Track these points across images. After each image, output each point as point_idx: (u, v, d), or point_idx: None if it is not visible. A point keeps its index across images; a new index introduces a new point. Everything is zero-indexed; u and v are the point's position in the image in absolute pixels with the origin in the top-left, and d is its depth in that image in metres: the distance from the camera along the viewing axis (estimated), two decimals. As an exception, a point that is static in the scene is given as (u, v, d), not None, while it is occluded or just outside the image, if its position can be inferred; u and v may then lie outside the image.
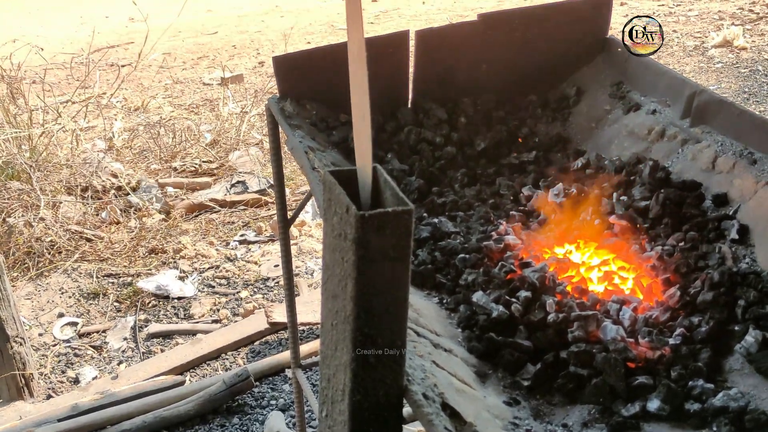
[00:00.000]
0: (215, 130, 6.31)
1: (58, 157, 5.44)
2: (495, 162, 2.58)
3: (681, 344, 1.74)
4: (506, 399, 1.65)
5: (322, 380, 1.49)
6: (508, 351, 1.74)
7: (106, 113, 6.60)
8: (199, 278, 4.50)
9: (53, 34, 9.44)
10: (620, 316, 1.86)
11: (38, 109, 5.81)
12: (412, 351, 1.50)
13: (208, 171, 5.81)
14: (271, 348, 3.89)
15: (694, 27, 8.87)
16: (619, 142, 2.52)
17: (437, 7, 10.41)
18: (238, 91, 7.36)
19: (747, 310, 1.78)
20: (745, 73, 7.28)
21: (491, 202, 2.39)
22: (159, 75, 8.11)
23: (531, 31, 2.73)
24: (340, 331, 1.33)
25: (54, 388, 3.70)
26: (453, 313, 1.90)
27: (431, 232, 2.17)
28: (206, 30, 9.86)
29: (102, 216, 5.04)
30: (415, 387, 1.36)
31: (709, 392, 1.61)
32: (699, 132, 2.32)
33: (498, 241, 2.12)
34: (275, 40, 9.04)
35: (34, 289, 4.39)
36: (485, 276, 1.97)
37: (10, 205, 4.85)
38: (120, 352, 3.95)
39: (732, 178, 2.13)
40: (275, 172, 2.46)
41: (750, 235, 2.02)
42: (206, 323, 4.13)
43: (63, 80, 7.47)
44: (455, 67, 2.70)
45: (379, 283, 1.26)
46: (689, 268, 1.97)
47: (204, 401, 3.38)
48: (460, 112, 2.69)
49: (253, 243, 4.87)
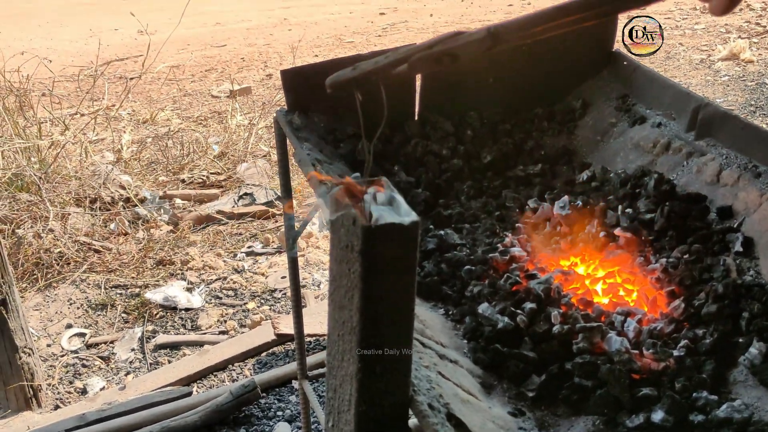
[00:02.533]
0: (223, 142, 6.34)
1: (66, 169, 5.47)
2: (501, 174, 2.59)
3: (685, 356, 1.75)
4: (511, 410, 1.65)
5: (328, 390, 1.50)
6: (514, 362, 1.75)
7: (115, 125, 6.64)
8: (207, 289, 4.51)
9: (62, 46, 9.50)
10: (625, 327, 1.86)
11: (47, 121, 5.84)
12: (418, 362, 1.51)
13: (216, 183, 5.83)
14: (278, 359, 3.90)
15: (700, 40, 8.88)
16: (624, 155, 2.53)
17: (444, 20, 10.44)
18: (246, 103, 7.40)
19: (751, 323, 1.79)
20: (752, 86, 7.28)
21: (497, 214, 2.40)
22: (167, 87, 8.15)
23: (537, 44, 2.74)
24: (346, 341, 1.34)
25: (62, 399, 3.71)
26: (459, 325, 1.91)
27: (437, 244, 2.18)
28: (215, 43, 9.91)
29: (110, 227, 5.06)
30: (420, 397, 1.37)
31: (713, 404, 1.61)
32: (704, 145, 2.33)
33: (504, 253, 2.13)
34: (283, 53, 9.08)
35: (43, 300, 4.41)
36: (491, 288, 1.98)
37: (20, 216, 4.88)
38: (127, 362, 3.96)
39: (737, 191, 2.14)
40: (283, 183, 2.47)
41: (754, 247, 2.02)
42: (213, 334, 4.14)
43: (72, 92, 7.51)
44: (462, 80, 2.71)
45: (385, 294, 1.27)
46: (694, 281, 1.97)
47: (211, 412, 3.39)
48: (467, 125, 2.70)
49: (261, 254, 4.89)
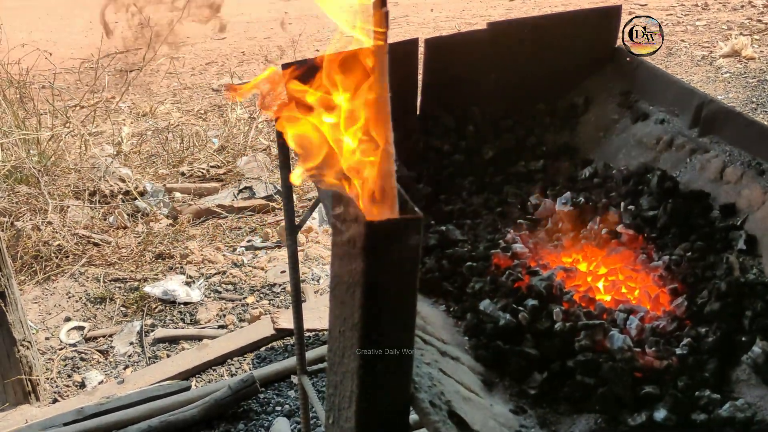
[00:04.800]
0: (223, 136, 6.32)
1: (66, 162, 5.45)
2: (503, 170, 2.58)
3: (688, 354, 1.74)
4: (513, 407, 1.65)
5: (329, 387, 1.49)
6: (515, 359, 1.74)
7: (115, 118, 6.62)
8: (206, 283, 4.50)
9: (63, 39, 9.47)
10: (627, 325, 1.86)
11: (47, 113, 5.83)
12: (419, 359, 1.50)
13: (216, 176, 5.81)
14: (277, 354, 3.89)
15: (702, 37, 8.86)
16: (627, 152, 2.52)
17: (445, 14, 10.42)
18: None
19: (754, 321, 1.79)
20: (753, 83, 7.26)
21: (499, 210, 2.40)
22: (167, 80, 8.13)
23: (540, 40, 2.73)
24: (347, 338, 1.33)
25: (60, 392, 3.70)
26: (460, 321, 1.90)
27: (439, 240, 2.17)
28: (215, 36, 9.89)
29: (109, 220, 5.05)
30: (422, 394, 1.36)
31: (716, 403, 1.61)
32: (707, 142, 2.33)
33: (505, 249, 2.12)
34: (283, 47, 9.06)
35: (41, 293, 4.40)
36: (492, 284, 1.98)
37: (19, 209, 4.86)
38: (126, 356, 3.95)
39: (740, 188, 2.14)
40: (283, 178, 2.46)
41: (757, 245, 2.02)
42: (212, 328, 4.13)
43: (72, 85, 7.49)
44: (464, 75, 2.70)
45: (387, 290, 1.26)
46: (696, 278, 1.97)
47: (209, 406, 3.38)
48: (469, 120, 2.69)
49: (260, 249, 4.88)
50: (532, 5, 10.52)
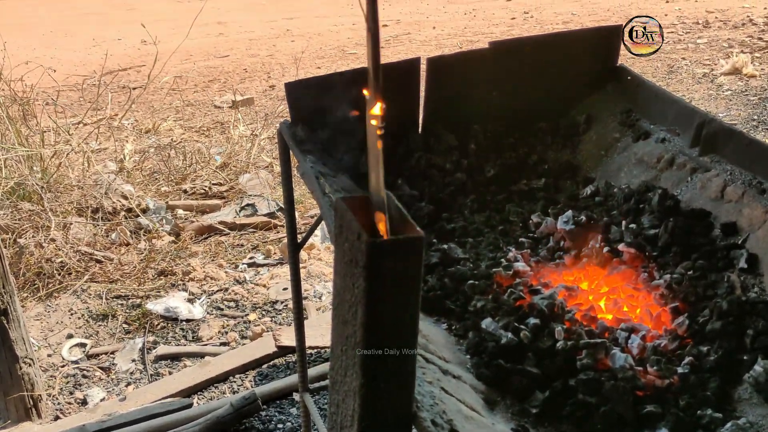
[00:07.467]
0: (225, 153, 6.34)
1: (69, 179, 5.46)
2: (505, 188, 2.59)
3: (690, 373, 1.75)
4: (514, 426, 1.65)
5: (330, 406, 1.49)
6: (517, 378, 1.74)
7: (118, 135, 6.64)
8: (208, 301, 4.50)
9: (66, 56, 9.52)
10: (629, 344, 1.86)
11: (50, 130, 5.85)
12: (421, 377, 1.50)
13: (218, 193, 5.82)
14: (279, 371, 3.89)
15: (703, 55, 8.89)
16: (628, 170, 2.53)
17: (447, 32, 10.46)
18: (248, 114, 7.40)
19: (756, 340, 1.79)
20: (754, 101, 7.28)
21: (500, 228, 2.40)
22: (170, 97, 8.16)
23: (541, 59, 2.75)
24: (349, 356, 1.34)
25: (62, 410, 3.70)
26: (462, 340, 1.90)
27: (441, 258, 2.17)
28: (218, 53, 9.93)
29: (112, 237, 5.06)
30: (424, 413, 1.36)
31: (718, 421, 1.61)
32: (708, 161, 2.33)
33: (507, 267, 2.12)
34: (286, 64, 9.10)
35: (44, 310, 4.41)
36: (494, 303, 1.98)
37: (21, 225, 4.87)
38: (128, 373, 3.95)
39: (741, 207, 2.14)
40: (286, 196, 2.47)
41: (759, 264, 2.02)
42: (214, 346, 4.13)
43: (75, 102, 7.53)
44: (466, 93, 2.71)
45: (389, 309, 1.26)
46: (698, 297, 1.97)
47: (211, 424, 3.37)
48: (471, 138, 2.70)
49: (262, 266, 4.88)
50: (534, 23, 10.57)
